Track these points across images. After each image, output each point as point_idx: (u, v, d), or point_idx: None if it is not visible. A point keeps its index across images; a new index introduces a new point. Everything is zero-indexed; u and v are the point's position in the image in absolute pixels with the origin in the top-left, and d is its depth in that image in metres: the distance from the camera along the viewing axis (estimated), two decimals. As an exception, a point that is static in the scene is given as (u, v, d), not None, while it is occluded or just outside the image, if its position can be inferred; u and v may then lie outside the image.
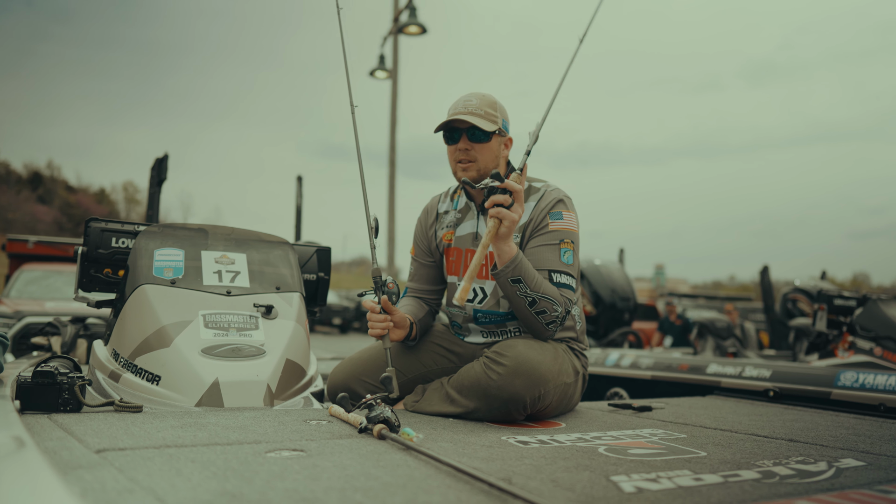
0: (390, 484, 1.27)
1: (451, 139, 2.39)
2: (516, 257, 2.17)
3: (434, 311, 2.66)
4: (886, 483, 1.51)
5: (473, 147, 2.36)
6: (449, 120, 2.35)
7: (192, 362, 2.25)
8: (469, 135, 2.35)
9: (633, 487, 1.36)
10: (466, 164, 2.37)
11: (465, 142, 2.36)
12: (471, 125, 2.34)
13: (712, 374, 3.66)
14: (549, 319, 2.26)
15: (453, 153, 2.40)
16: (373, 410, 1.77)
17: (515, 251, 2.17)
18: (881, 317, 4.23)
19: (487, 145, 2.37)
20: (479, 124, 2.32)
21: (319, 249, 3.16)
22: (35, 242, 8.48)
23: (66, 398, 1.98)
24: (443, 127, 2.38)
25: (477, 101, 2.38)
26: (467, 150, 2.36)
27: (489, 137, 2.37)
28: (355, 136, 2.44)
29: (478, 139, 2.36)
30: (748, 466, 1.62)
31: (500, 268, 2.18)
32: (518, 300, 2.22)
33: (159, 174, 6.23)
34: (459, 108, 2.37)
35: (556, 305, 2.25)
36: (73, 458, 1.32)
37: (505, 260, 2.16)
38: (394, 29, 12.95)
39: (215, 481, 1.22)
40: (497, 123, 2.38)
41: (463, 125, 2.35)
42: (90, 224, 2.76)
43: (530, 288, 2.19)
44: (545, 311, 2.24)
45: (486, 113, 2.36)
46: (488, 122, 2.35)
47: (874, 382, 3.03)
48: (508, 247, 2.16)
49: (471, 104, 2.37)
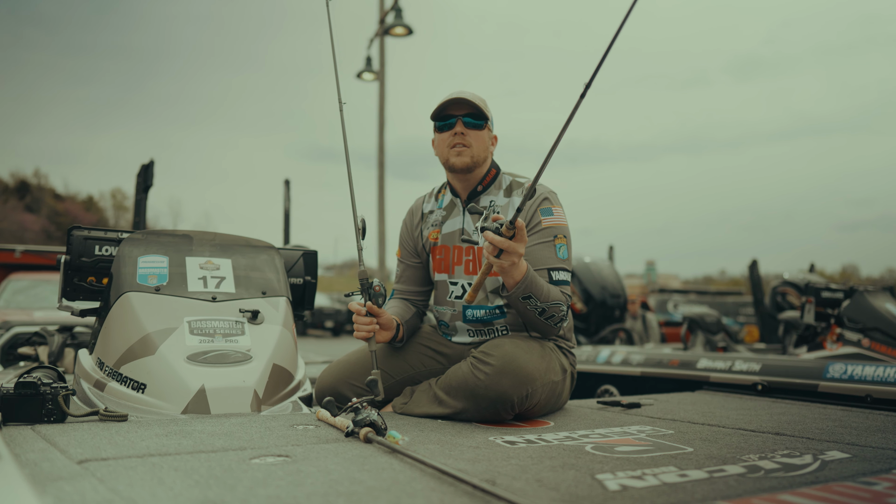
0: (374, 488, 1.26)
1: (447, 126, 2.41)
2: (525, 277, 2.13)
3: (421, 312, 2.66)
4: (871, 475, 1.52)
5: (468, 133, 2.39)
6: (447, 102, 2.39)
7: (177, 369, 2.24)
8: (465, 121, 2.39)
9: (617, 485, 1.36)
10: (460, 149, 2.39)
11: (460, 125, 2.39)
12: (467, 112, 2.39)
13: (702, 369, 3.67)
14: (556, 320, 2.28)
15: (446, 139, 2.41)
16: (359, 414, 1.77)
17: (522, 274, 2.12)
18: (868, 308, 4.26)
19: (481, 133, 2.41)
20: (478, 104, 2.38)
21: (306, 253, 3.15)
22: (22, 252, 8.42)
23: (50, 408, 1.96)
24: (442, 107, 2.41)
25: (470, 93, 2.43)
26: (462, 134, 2.39)
27: (483, 126, 2.41)
28: (343, 133, 2.41)
29: (473, 125, 2.39)
30: (734, 461, 1.62)
31: (511, 290, 2.15)
32: (529, 312, 2.23)
33: (145, 181, 6.18)
34: (455, 96, 2.40)
35: (562, 305, 2.27)
36: (53, 470, 1.31)
37: (513, 283, 2.13)
38: (380, 31, 12.93)
39: (197, 489, 1.22)
40: (488, 115, 2.43)
41: (460, 110, 2.39)
42: (73, 232, 2.74)
43: (540, 301, 2.20)
44: (553, 315, 2.26)
45: (480, 102, 2.42)
46: (483, 109, 2.41)
47: (862, 373, 3.05)
48: (514, 272, 2.11)
49: (465, 93, 2.42)
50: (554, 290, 2.26)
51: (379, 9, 13.92)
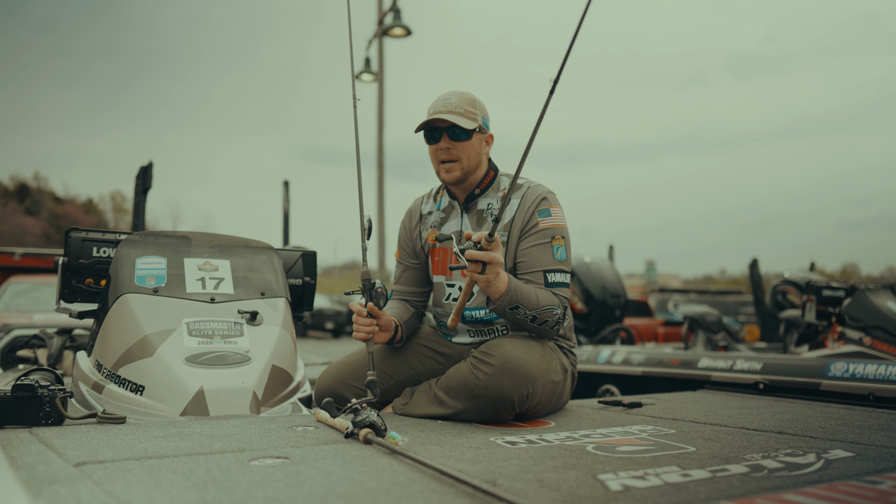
0: (373, 489, 1.25)
1: (432, 139, 2.38)
2: (508, 289, 2.13)
3: (420, 313, 2.64)
4: (875, 473, 1.51)
5: (455, 146, 2.35)
6: (429, 119, 2.34)
7: (176, 371, 2.22)
8: (450, 133, 2.34)
9: (619, 486, 1.35)
10: (449, 165, 2.36)
11: (445, 140, 2.34)
12: (451, 124, 2.32)
13: (703, 369, 3.65)
14: (551, 324, 2.27)
15: (435, 153, 2.39)
16: (358, 415, 1.75)
17: (506, 285, 2.12)
18: (869, 306, 4.24)
19: (468, 143, 2.36)
20: (460, 122, 2.31)
21: (305, 254, 3.13)
22: (22, 254, 8.41)
23: (48, 411, 1.95)
24: (423, 127, 2.37)
25: (456, 99, 2.36)
26: (449, 149, 2.35)
27: (470, 136, 2.35)
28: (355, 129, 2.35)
29: (458, 138, 2.34)
30: (737, 460, 1.61)
31: (496, 302, 2.15)
32: (520, 321, 2.22)
33: (144, 182, 6.17)
34: (439, 108, 2.35)
35: (556, 309, 2.26)
36: (50, 473, 1.29)
37: (498, 295, 2.13)
38: (378, 31, 12.92)
39: (195, 492, 1.20)
40: (477, 121, 2.37)
41: (443, 124, 2.33)
42: (70, 234, 2.73)
43: (529, 308, 2.19)
44: (547, 320, 2.25)
45: (466, 111, 2.35)
46: (468, 119, 2.34)
47: (864, 372, 3.03)
48: (497, 283, 2.11)
49: (450, 102, 2.35)
50: (545, 294, 2.24)
51: (377, 10, 13.92)
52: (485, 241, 2.00)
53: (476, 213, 2.45)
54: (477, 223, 2.44)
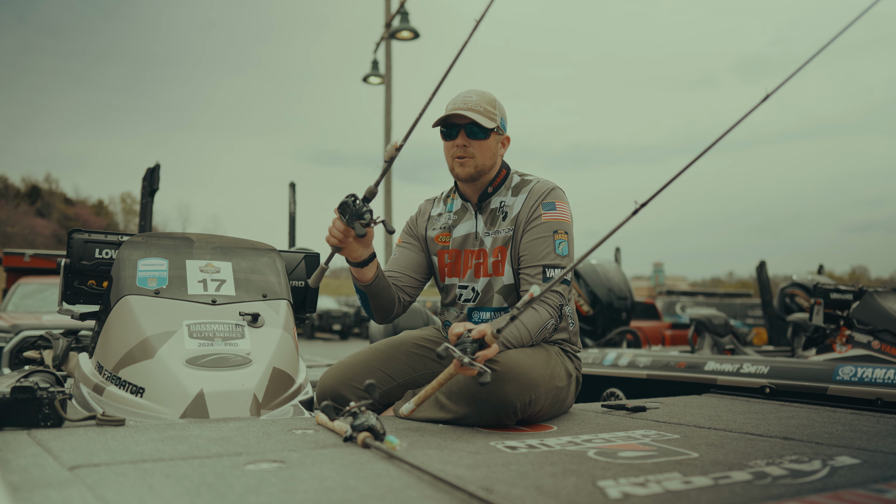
0: (368, 496, 1.23)
1: (449, 135, 2.37)
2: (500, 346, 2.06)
3: (404, 304, 2.54)
4: (881, 482, 1.48)
5: (471, 144, 2.34)
6: (448, 115, 2.33)
7: (176, 373, 2.21)
8: (467, 131, 2.33)
9: (619, 493, 1.33)
10: (464, 160, 2.35)
11: (462, 138, 2.34)
12: (470, 121, 2.31)
13: (709, 372, 3.62)
14: (548, 332, 2.27)
15: (450, 149, 2.38)
16: (358, 418, 1.73)
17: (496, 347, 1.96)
18: (878, 310, 4.19)
19: (485, 143, 2.35)
20: (479, 120, 2.30)
21: (308, 255, 3.13)
22: (31, 255, 8.46)
23: (47, 413, 1.94)
24: (441, 122, 2.36)
25: (476, 97, 2.35)
26: (465, 146, 2.34)
27: (487, 135, 2.34)
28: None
29: (476, 136, 2.33)
30: (740, 467, 1.58)
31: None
32: (519, 347, 2.20)
33: (151, 184, 6.19)
34: (459, 104, 2.34)
35: (550, 320, 2.25)
36: (43, 476, 1.28)
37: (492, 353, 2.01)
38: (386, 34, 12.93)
39: (187, 497, 1.19)
40: (495, 121, 2.36)
41: (462, 121, 2.33)
42: (73, 236, 2.73)
43: (524, 341, 2.19)
44: (544, 333, 2.26)
45: (485, 110, 2.34)
46: (487, 119, 2.33)
47: (873, 376, 2.99)
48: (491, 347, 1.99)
49: (470, 100, 2.34)
50: (535, 314, 2.20)
51: (385, 12, 13.93)
52: (490, 335, 1.91)
53: (490, 212, 2.43)
54: (490, 223, 2.42)
